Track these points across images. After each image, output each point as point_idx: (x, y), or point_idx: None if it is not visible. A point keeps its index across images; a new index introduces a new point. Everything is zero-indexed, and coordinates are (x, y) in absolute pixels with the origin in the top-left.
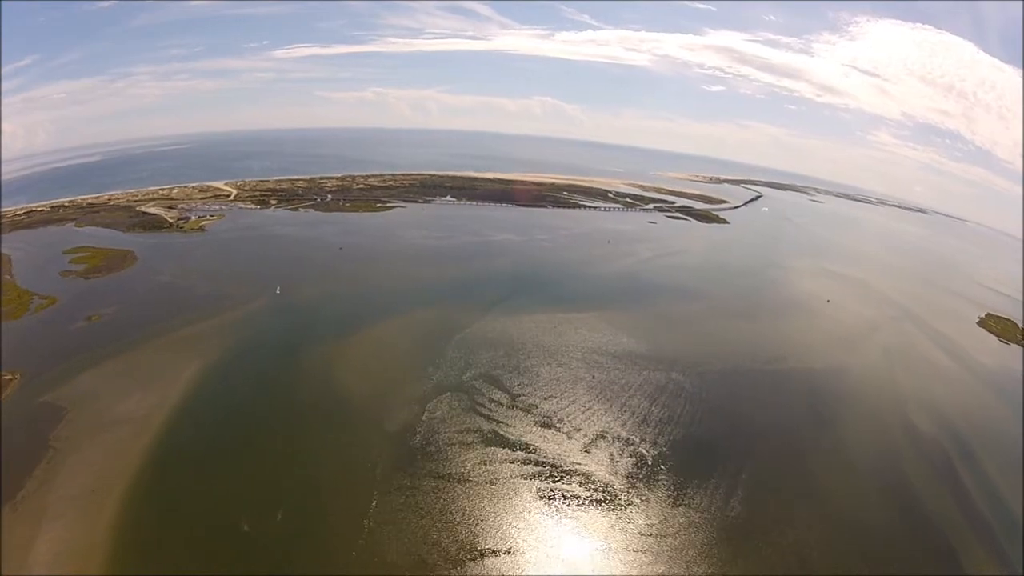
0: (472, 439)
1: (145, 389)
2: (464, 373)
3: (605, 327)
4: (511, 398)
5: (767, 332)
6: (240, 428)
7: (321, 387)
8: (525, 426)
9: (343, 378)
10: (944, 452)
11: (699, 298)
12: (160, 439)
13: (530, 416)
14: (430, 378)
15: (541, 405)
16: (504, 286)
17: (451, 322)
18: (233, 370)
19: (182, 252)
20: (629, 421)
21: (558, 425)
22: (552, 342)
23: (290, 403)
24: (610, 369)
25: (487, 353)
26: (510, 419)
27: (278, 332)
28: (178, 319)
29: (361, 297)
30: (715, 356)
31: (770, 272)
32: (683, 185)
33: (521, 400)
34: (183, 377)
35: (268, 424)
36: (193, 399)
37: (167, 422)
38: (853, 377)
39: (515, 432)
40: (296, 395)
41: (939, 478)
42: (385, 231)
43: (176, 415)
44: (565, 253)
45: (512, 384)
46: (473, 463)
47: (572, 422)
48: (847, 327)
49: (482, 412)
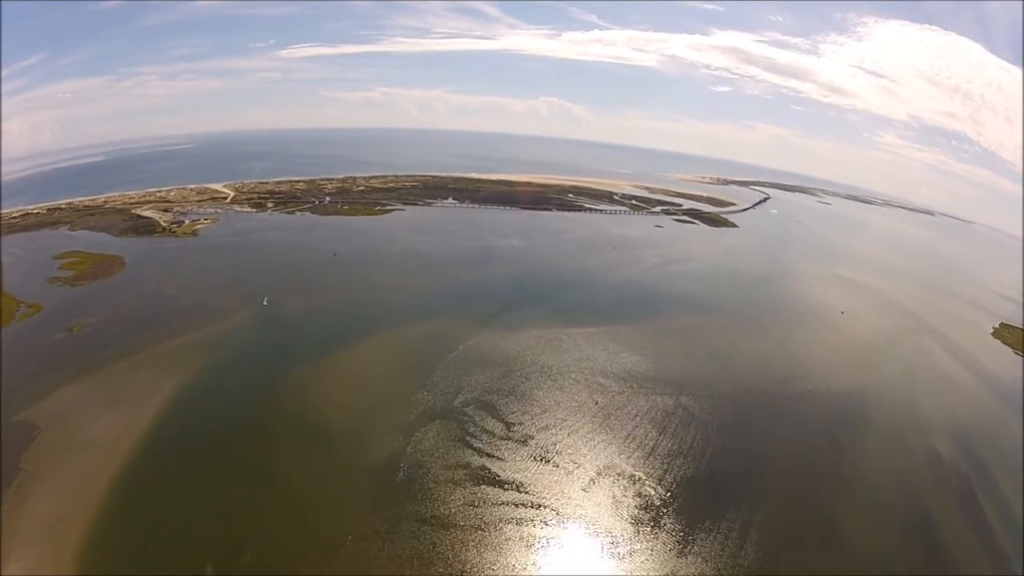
0: (460, 476)
1: (117, 410)
2: (455, 398)
3: (609, 343)
4: (505, 427)
5: (781, 348)
6: (210, 458)
7: (300, 412)
8: (519, 461)
9: (325, 402)
10: (968, 483)
11: (709, 310)
12: (127, 467)
13: (525, 449)
14: (418, 403)
15: (538, 436)
16: (503, 297)
17: (445, 338)
18: (208, 391)
19: (172, 258)
20: (634, 454)
21: (556, 459)
22: (552, 361)
23: (266, 430)
24: (614, 393)
25: (481, 374)
26: (503, 453)
27: (259, 349)
28: (158, 332)
29: (351, 309)
30: (727, 376)
31: (782, 280)
32: (690, 187)
33: (516, 430)
34: (156, 398)
35: (240, 453)
36: (164, 423)
37: (135, 448)
38: (872, 398)
39: (508, 468)
40: (273, 421)
41: (964, 514)
42: (382, 236)
43: (145, 441)
44: (569, 260)
45: (507, 411)
46: (460, 504)
47: (571, 456)
48: (863, 341)
49: (473, 444)
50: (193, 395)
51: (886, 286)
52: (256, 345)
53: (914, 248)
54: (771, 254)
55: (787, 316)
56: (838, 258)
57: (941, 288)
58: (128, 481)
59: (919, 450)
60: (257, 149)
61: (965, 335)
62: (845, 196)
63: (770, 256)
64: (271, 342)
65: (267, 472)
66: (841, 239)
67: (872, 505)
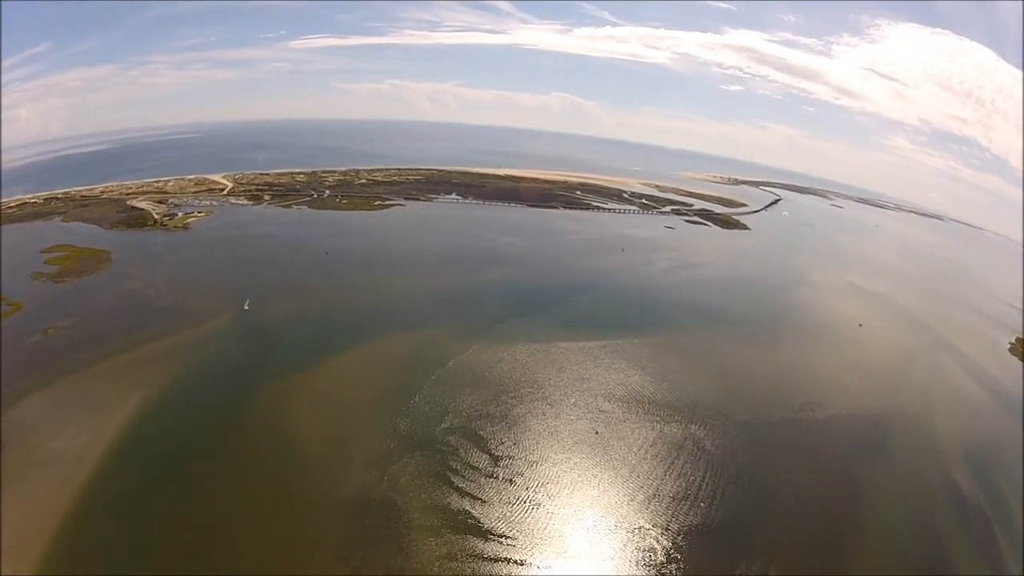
0: (437, 522)
1: (83, 422)
2: (440, 423)
3: (614, 359)
4: (492, 462)
5: (799, 366)
6: (169, 482)
7: (269, 436)
8: (506, 505)
9: (297, 424)
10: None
11: (722, 321)
12: (87, 486)
13: (513, 489)
14: (399, 429)
15: (528, 474)
16: (501, 303)
17: (434, 350)
18: (175, 406)
19: (159, 253)
20: (637, 496)
21: (547, 503)
22: (550, 381)
23: (230, 454)
24: (617, 421)
25: (471, 395)
26: (488, 494)
27: (235, 359)
28: (133, 336)
29: (337, 315)
30: (741, 401)
31: (797, 289)
32: (701, 186)
33: (504, 466)
34: (123, 410)
35: (202, 478)
36: (128, 439)
37: (97, 466)
38: (892, 426)
39: (493, 514)
40: (239, 444)
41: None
42: (378, 233)
43: (107, 458)
44: (574, 262)
45: (496, 442)
46: (434, 557)
47: (567, 499)
48: (881, 358)
49: (454, 482)
50: (159, 410)
51: (901, 296)
52: (231, 354)
53: (926, 254)
54: (785, 259)
55: (804, 329)
56: (851, 265)
57: (955, 298)
58: (88, 502)
59: (940, 488)
60: (264, 139)
61: (982, 352)
62: (856, 199)
63: (784, 261)
64: (248, 351)
65: (228, 502)
66: (853, 244)
67: (890, 556)
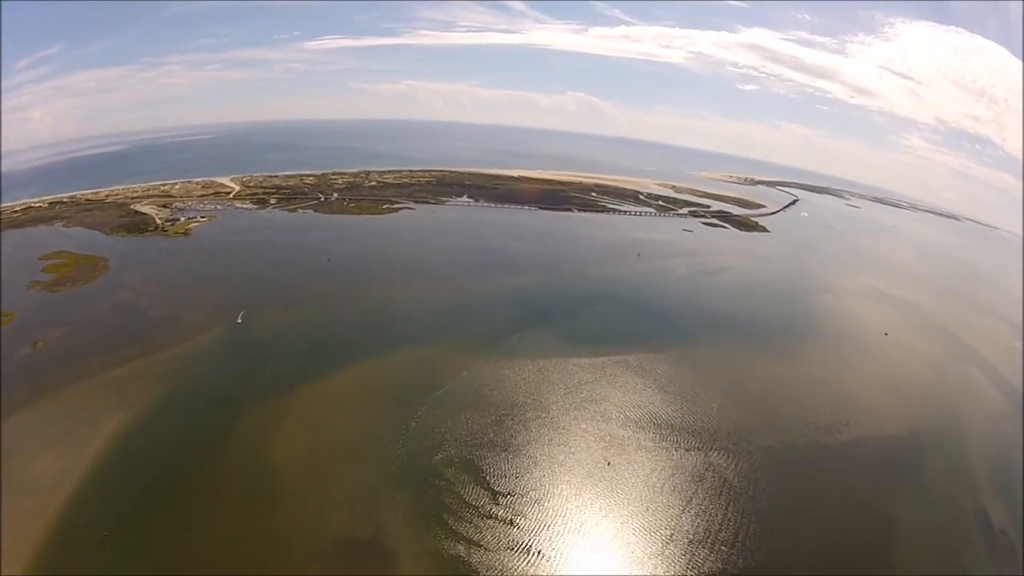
0: (428, 570)
1: (61, 446)
2: (436, 453)
3: (629, 377)
4: (491, 499)
5: (824, 382)
6: (145, 514)
7: (251, 465)
8: (505, 552)
9: (280, 454)
10: None
11: (743, 332)
12: (60, 518)
13: (514, 532)
14: (391, 459)
15: (531, 514)
16: (509, 315)
17: (435, 368)
18: (156, 430)
19: (156, 261)
20: (652, 539)
21: (551, 550)
22: (559, 403)
23: (209, 484)
24: (631, 449)
25: (472, 420)
26: (487, 537)
27: (222, 378)
28: (120, 352)
29: (334, 328)
30: (765, 423)
31: (821, 296)
32: (718, 186)
33: (506, 504)
34: (102, 434)
35: (174, 515)
36: (105, 467)
37: (73, 495)
38: (922, 449)
39: (491, 562)
40: (220, 474)
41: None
42: (384, 239)
43: (83, 487)
44: (587, 270)
45: (497, 475)
46: None
47: (573, 544)
48: (908, 371)
49: (449, 524)
50: (139, 434)
51: (923, 301)
52: (219, 373)
53: (945, 256)
54: (806, 264)
55: (828, 339)
56: (874, 269)
57: (976, 303)
58: (61, 534)
59: (972, 521)
60: (277, 140)
61: (1010, 365)
62: (872, 199)
63: (805, 266)
64: (236, 369)
65: (201, 538)
66: (874, 247)
67: None
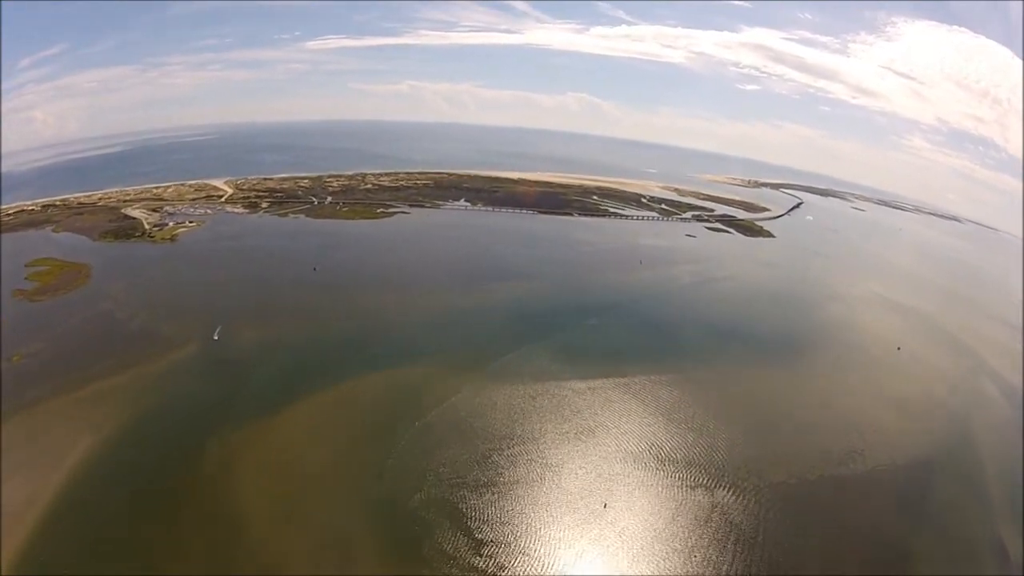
0: None
1: (29, 471)
2: (415, 494)
3: (629, 403)
4: (473, 549)
5: (837, 404)
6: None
7: (213, 502)
8: None
9: (248, 488)
10: None
11: (751, 348)
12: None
13: None
14: (365, 499)
15: (516, 566)
16: (502, 331)
17: (420, 391)
18: (121, 457)
19: (140, 268)
20: None
21: None
22: (551, 435)
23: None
24: (631, 488)
25: (456, 455)
26: None
27: (192, 401)
28: (93, 368)
29: (315, 346)
30: (776, 454)
31: (830, 305)
32: (721, 189)
33: (488, 554)
34: (69, 460)
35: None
36: (67, 497)
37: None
38: (939, 478)
39: None
40: (180, 512)
41: None
42: (374, 246)
43: (45, 518)
44: (587, 279)
45: (481, 520)
46: None
47: None
48: (924, 391)
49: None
50: (105, 463)
51: (934, 310)
52: (191, 394)
53: (951, 260)
54: (813, 271)
55: (839, 355)
56: (881, 276)
57: (987, 312)
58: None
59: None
60: (276, 141)
61: None
62: (876, 201)
63: (813, 273)
64: (208, 392)
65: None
66: (880, 251)
67: None
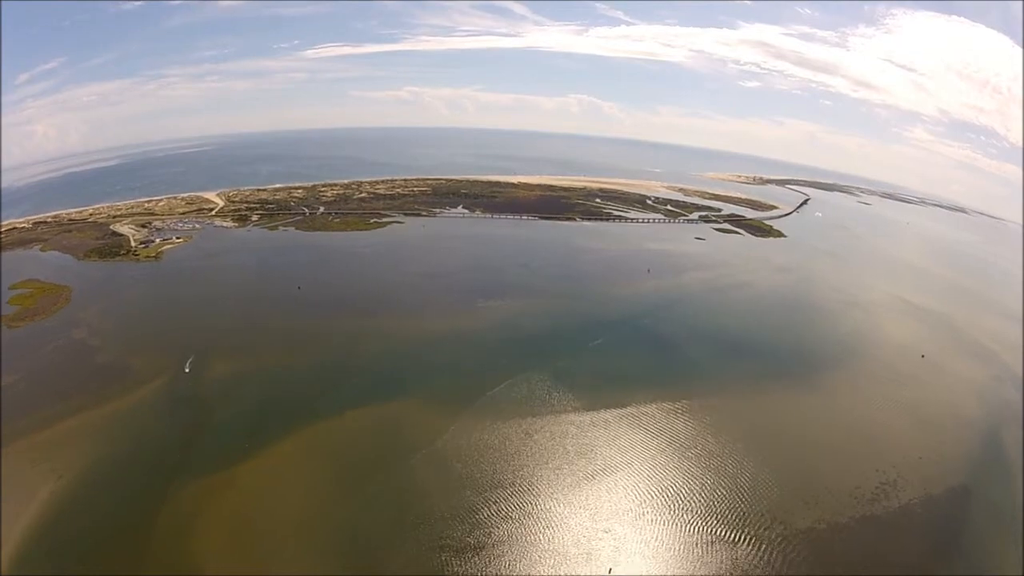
0: None
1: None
2: (392, 555)
3: (636, 436)
4: None
5: (864, 428)
6: None
7: (172, 561)
8: None
9: (210, 545)
10: None
11: (769, 366)
12: None
13: None
14: (336, 559)
15: None
16: (496, 358)
17: (402, 433)
18: (81, 507)
19: (119, 290)
20: None
21: None
22: (547, 483)
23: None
24: (641, 544)
25: (439, 510)
26: None
27: (157, 444)
28: (60, 405)
29: (288, 378)
30: (804, 494)
31: (849, 313)
32: (726, 187)
33: None
34: (30, 511)
35: None
36: (27, 554)
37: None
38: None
39: None
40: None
41: None
42: (364, 260)
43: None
44: (591, 291)
45: None
46: None
47: None
48: (951, 405)
49: None
50: (64, 514)
51: (952, 311)
52: (156, 437)
53: (962, 254)
54: (827, 273)
55: (863, 369)
56: (897, 276)
57: (1006, 311)
58: None
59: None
60: (273, 151)
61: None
62: (881, 195)
63: (827, 276)
64: (174, 433)
65: None
66: (892, 248)
67: None
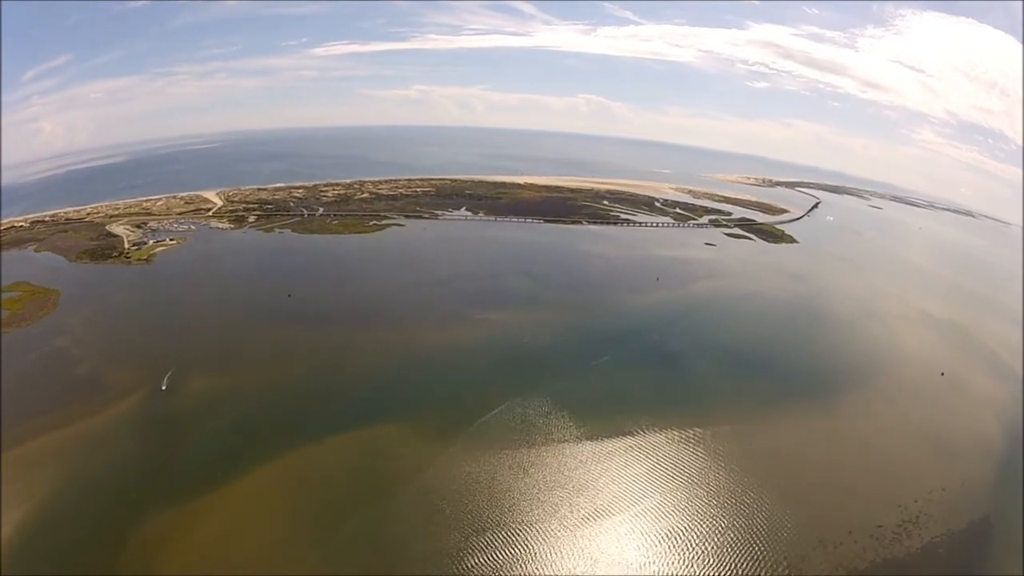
0: None
1: None
2: None
3: (642, 472)
4: None
5: (884, 460)
6: None
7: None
8: None
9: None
10: None
11: (784, 387)
12: None
13: None
14: None
15: None
16: (492, 378)
17: (383, 464)
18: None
19: (107, 296)
20: None
21: None
22: (545, 522)
23: None
24: None
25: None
26: None
27: (127, 468)
28: (39, 420)
29: (270, 398)
30: (821, 537)
31: (866, 324)
32: (736, 189)
33: None
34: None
35: None
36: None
37: None
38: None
39: None
40: None
41: None
42: (359, 266)
43: None
44: (597, 301)
45: None
46: None
47: None
48: (972, 430)
49: None
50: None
51: (970, 323)
52: (127, 460)
53: (975, 260)
54: (842, 281)
55: (882, 389)
56: (913, 284)
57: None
58: None
59: None
60: (278, 149)
61: None
62: (891, 198)
63: (842, 284)
64: (146, 457)
65: None
66: (905, 254)
67: None
